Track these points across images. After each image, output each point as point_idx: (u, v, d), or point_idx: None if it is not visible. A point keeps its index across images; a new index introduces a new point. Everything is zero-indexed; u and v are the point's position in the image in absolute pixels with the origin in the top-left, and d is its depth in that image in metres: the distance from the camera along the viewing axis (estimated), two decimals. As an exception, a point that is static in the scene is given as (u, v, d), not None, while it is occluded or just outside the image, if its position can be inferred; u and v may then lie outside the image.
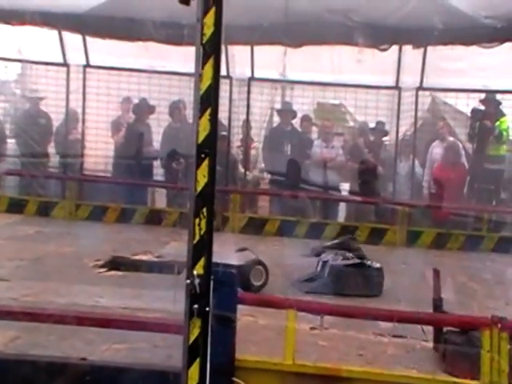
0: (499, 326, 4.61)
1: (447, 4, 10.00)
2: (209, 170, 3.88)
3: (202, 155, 3.88)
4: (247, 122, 11.76)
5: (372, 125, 11.80)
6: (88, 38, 11.55)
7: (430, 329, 5.74)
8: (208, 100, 3.86)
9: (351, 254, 7.69)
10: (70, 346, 5.18)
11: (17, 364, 4.70)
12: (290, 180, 11.16)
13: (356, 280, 7.13)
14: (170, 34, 9.74)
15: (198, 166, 3.89)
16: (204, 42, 3.83)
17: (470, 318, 5.22)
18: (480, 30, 9.92)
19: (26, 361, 4.73)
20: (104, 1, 10.58)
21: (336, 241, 8.42)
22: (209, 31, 3.82)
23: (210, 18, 3.83)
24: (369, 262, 7.56)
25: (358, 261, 7.54)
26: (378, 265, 7.54)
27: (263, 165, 12.17)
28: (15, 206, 10.89)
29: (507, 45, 10.06)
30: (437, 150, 11.62)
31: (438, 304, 5.59)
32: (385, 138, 11.84)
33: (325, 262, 7.60)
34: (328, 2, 10.13)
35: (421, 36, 10.43)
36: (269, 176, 12.00)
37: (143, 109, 11.86)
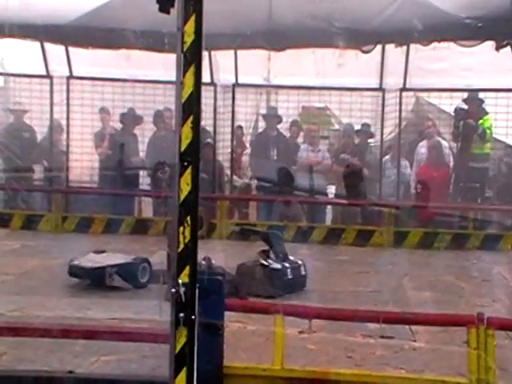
0: (485, 323, 4.63)
1: (429, 5, 10.03)
2: (192, 178, 3.87)
3: (185, 163, 3.86)
4: (232, 128, 11.74)
5: (357, 127, 11.83)
6: (71, 49, 11.53)
7: (417, 329, 5.78)
8: (190, 108, 3.84)
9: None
10: (58, 359, 5.14)
11: (2, 380, 4.65)
12: (282, 187, 11.16)
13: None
14: (152, 43, 9.74)
15: (181, 174, 3.87)
16: (185, 50, 3.81)
17: (456, 317, 5.23)
18: (461, 29, 9.98)
19: (11, 376, 4.68)
20: (85, 12, 10.56)
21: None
22: (189, 39, 3.81)
23: (190, 27, 3.82)
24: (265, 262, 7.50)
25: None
26: (277, 265, 7.51)
27: (250, 171, 12.17)
28: (0, 221, 10.84)
29: (488, 44, 10.12)
30: (422, 150, 11.67)
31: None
32: (370, 140, 11.86)
33: None
34: (310, 7, 10.14)
35: (403, 37, 10.48)
36: (255, 182, 11.98)
37: (130, 119, 11.84)
